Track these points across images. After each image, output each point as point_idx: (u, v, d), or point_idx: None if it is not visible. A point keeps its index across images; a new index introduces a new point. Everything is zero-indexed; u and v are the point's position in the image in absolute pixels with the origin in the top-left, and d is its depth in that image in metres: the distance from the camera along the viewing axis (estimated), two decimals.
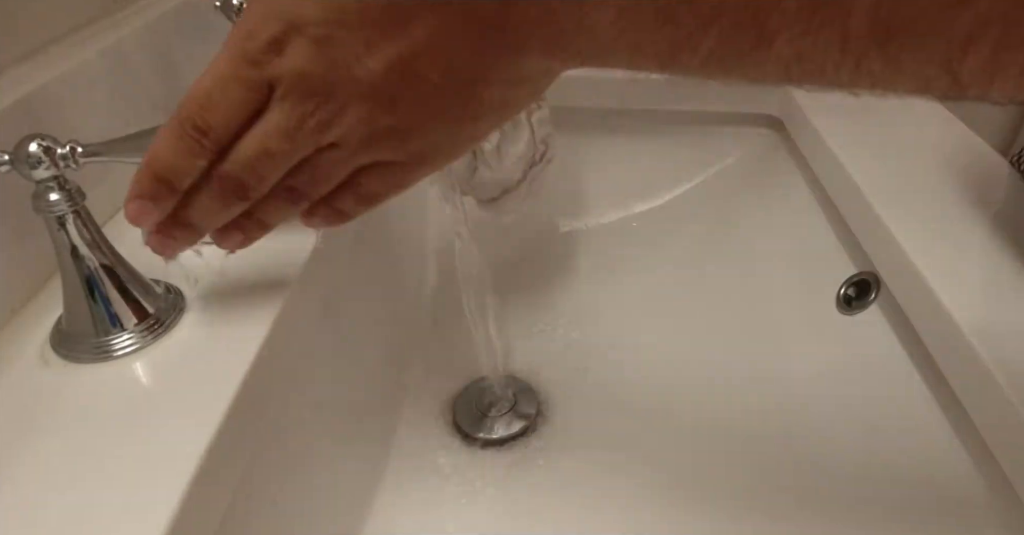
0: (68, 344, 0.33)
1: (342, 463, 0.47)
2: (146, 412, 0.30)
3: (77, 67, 0.40)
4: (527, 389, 0.59)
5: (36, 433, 0.29)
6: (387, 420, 0.55)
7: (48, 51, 0.41)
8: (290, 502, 0.39)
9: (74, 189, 0.31)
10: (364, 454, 0.51)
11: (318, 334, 0.43)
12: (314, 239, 0.42)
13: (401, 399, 0.58)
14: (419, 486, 0.51)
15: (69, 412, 0.30)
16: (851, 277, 0.51)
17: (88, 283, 0.32)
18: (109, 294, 0.33)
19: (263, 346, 0.34)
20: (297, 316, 0.39)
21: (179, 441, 0.29)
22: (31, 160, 0.29)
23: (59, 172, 0.30)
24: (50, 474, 0.27)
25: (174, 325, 0.35)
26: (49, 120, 0.38)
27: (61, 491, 0.27)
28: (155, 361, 0.33)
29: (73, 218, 0.31)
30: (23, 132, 0.29)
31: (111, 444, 0.29)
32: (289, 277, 0.39)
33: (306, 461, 0.42)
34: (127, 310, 0.34)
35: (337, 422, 0.48)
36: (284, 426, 0.39)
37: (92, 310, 0.33)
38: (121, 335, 0.33)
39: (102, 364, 0.33)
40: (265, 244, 0.41)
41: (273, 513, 0.37)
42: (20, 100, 0.36)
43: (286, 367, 0.38)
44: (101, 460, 0.28)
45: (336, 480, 0.46)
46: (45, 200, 0.30)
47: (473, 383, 0.59)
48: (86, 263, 0.32)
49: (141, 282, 0.35)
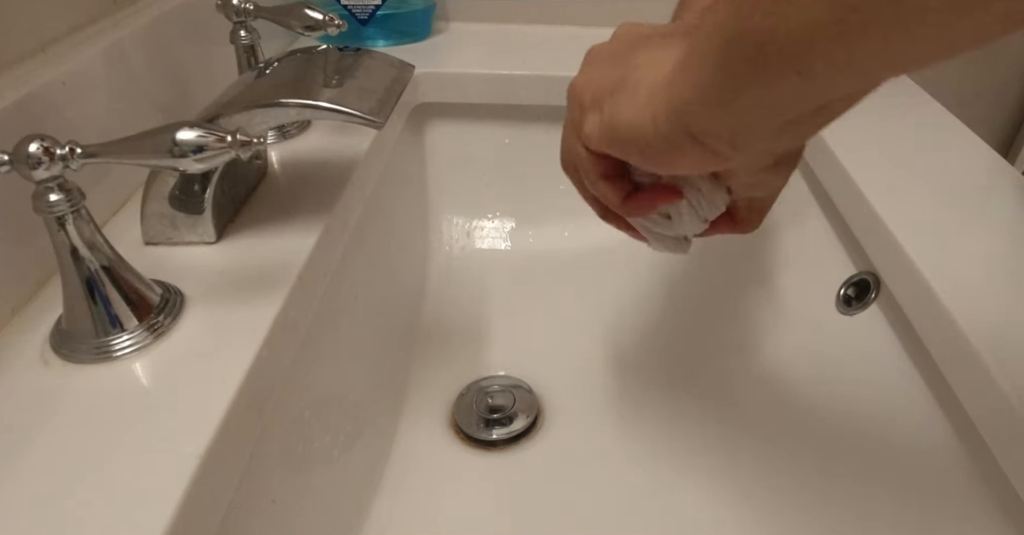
0: (68, 344, 0.33)
1: (342, 463, 0.47)
2: (146, 412, 0.30)
3: (77, 67, 0.40)
4: (527, 390, 0.59)
5: (36, 433, 0.29)
6: (387, 420, 0.55)
7: (48, 51, 0.41)
8: (290, 502, 0.39)
9: (74, 189, 0.31)
10: (364, 454, 0.51)
11: (318, 334, 0.43)
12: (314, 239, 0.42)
13: (401, 399, 0.58)
14: (419, 486, 0.51)
15: (69, 412, 0.30)
16: (851, 277, 0.51)
17: (88, 283, 0.32)
18: (109, 294, 0.33)
19: (263, 346, 0.34)
20: (297, 316, 0.39)
21: (179, 441, 0.29)
22: (31, 160, 0.29)
23: (59, 173, 0.30)
24: (50, 474, 0.27)
25: (174, 325, 0.35)
26: (49, 120, 0.38)
27: (61, 491, 0.27)
28: (155, 361, 0.33)
29: (73, 218, 0.31)
30: (23, 132, 0.29)
31: (111, 444, 0.29)
32: (289, 276, 0.39)
33: (306, 461, 0.42)
34: (127, 310, 0.34)
35: (337, 422, 0.48)
36: (284, 426, 0.39)
37: (92, 310, 0.33)
38: (121, 335, 0.33)
39: (102, 365, 0.33)
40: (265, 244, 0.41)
41: (273, 513, 0.37)
42: (20, 100, 0.36)
43: (286, 367, 0.38)
44: (101, 460, 0.28)
45: (336, 480, 0.46)
46: (45, 200, 0.30)
47: (473, 384, 0.59)
48: (86, 263, 0.32)
49: (141, 282, 0.35)
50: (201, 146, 0.30)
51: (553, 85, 0.66)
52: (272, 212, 0.44)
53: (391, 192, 0.62)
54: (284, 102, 0.37)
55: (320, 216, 0.44)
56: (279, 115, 0.37)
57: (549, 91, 0.66)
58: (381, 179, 0.59)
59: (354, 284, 0.52)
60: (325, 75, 0.40)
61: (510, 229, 0.74)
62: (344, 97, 0.37)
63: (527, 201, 0.73)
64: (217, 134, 0.30)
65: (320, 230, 0.43)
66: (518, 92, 0.67)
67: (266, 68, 0.41)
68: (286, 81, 0.40)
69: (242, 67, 0.52)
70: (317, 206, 0.45)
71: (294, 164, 0.51)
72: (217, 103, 0.38)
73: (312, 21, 0.48)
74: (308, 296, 0.40)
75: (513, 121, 0.71)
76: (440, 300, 0.68)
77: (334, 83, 0.38)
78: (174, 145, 0.30)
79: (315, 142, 0.54)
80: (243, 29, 0.50)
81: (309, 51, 0.43)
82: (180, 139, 0.30)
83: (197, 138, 0.30)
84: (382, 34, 0.71)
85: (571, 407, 0.58)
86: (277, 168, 0.50)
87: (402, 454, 0.53)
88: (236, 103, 0.37)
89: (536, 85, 0.66)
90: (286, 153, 0.52)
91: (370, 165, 0.54)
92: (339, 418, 0.48)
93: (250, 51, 0.51)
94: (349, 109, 0.36)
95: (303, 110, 0.37)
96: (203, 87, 0.53)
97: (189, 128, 0.30)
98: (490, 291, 0.69)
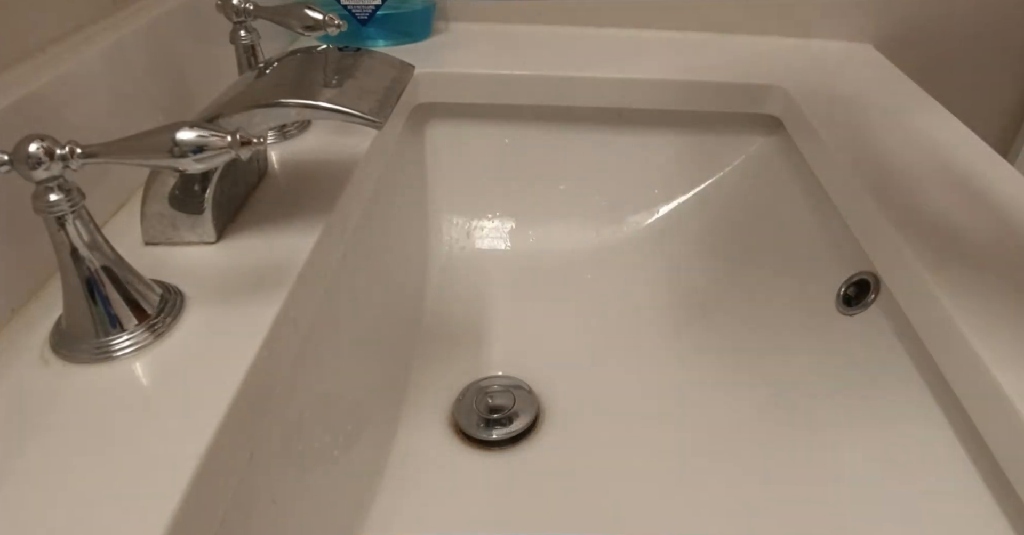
0: (68, 345, 0.33)
1: (342, 463, 0.47)
2: (146, 412, 0.30)
3: (77, 67, 0.40)
4: (527, 390, 0.59)
5: (36, 433, 0.29)
6: (387, 420, 0.55)
7: (48, 51, 0.41)
8: (290, 502, 0.39)
9: (74, 189, 0.31)
10: (364, 454, 0.51)
11: (318, 334, 0.43)
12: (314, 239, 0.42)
13: (401, 399, 0.58)
14: (419, 486, 0.51)
15: (69, 413, 0.30)
16: (851, 277, 0.51)
17: (88, 284, 0.32)
18: (109, 295, 0.33)
19: (263, 346, 0.34)
20: (297, 316, 0.39)
21: (179, 441, 0.29)
22: (31, 160, 0.29)
23: (59, 173, 0.30)
24: (50, 474, 0.28)
25: (174, 325, 0.35)
26: (49, 120, 0.38)
27: (61, 491, 0.27)
28: (155, 362, 0.33)
29: (73, 218, 0.31)
30: (23, 132, 0.29)
31: (111, 444, 0.29)
32: (289, 276, 0.39)
33: (306, 461, 0.42)
34: (127, 311, 0.34)
35: (337, 422, 0.48)
36: (284, 426, 0.39)
37: (92, 311, 0.33)
38: (121, 336, 0.33)
39: (102, 365, 0.33)
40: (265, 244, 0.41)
41: (273, 513, 0.37)
42: (20, 100, 0.36)
43: (286, 367, 0.38)
44: (101, 460, 0.28)
45: (336, 480, 0.46)
46: (45, 200, 0.30)
47: (473, 384, 0.59)
48: (86, 264, 0.32)
49: (141, 282, 0.35)
50: (201, 146, 0.30)
51: (553, 85, 0.66)
52: (272, 212, 0.44)
53: (391, 192, 0.63)
54: (284, 102, 0.37)
55: (320, 216, 0.44)
56: (279, 115, 0.37)
57: (549, 91, 0.66)
58: (381, 179, 0.59)
59: (354, 284, 0.52)
60: (325, 75, 0.40)
61: (510, 229, 0.74)
62: (344, 97, 0.37)
63: (527, 201, 0.73)
64: (217, 134, 0.30)
65: (320, 230, 0.43)
66: (518, 92, 0.67)
67: (266, 68, 0.41)
68: (286, 81, 0.40)
69: (242, 67, 0.52)
70: (317, 206, 0.45)
71: (294, 164, 0.51)
72: (217, 103, 0.38)
73: (312, 21, 0.48)
74: (308, 296, 0.40)
75: (513, 121, 0.71)
76: (440, 300, 0.68)
77: (334, 83, 0.38)
78: (174, 145, 0.30)
79: (315, 142, 0.54)
80: (243, 29, 0.50)
81: (309, 51, 0.43)
82: (180, 139, 0.30)
83: (197, 138, 0.30)
84: (382, 34, 0.71)
85: (571, 407, 0.58)
86: (277, 168, 0.50)
87: (402, 454, 0.53)
88: (236, 103, 0.37)
89: (536, 85, 0.66)
90: (286, 153, 0.52)
91: (370, 165, 0.54)
92: (339, 418, 0.48)
93: (250, 51, 0.51)
94: (349, 109, 0.36)
95: (303, 110, 0.37)
96: (203, 87, 0.53)
97: (189, 128, 0.30)
98: (490, 291, 0.69)
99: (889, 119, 0.59)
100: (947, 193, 0.49)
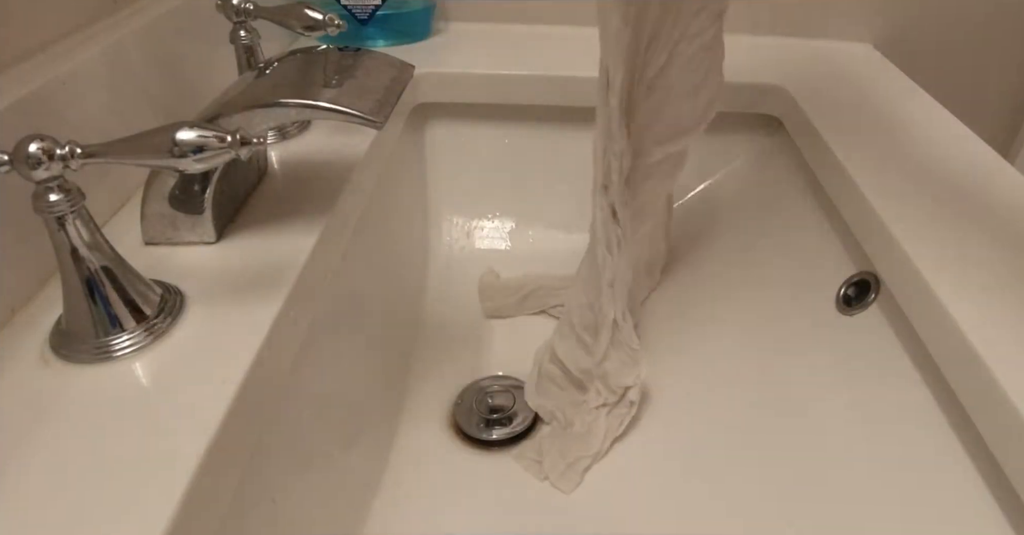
0: (68, 344, 0.33)
1: (342, 463, 0.47)
2: (146, 412, 0.30)
3: (77, 67, 0.40)
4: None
5: (36, 433, 0.29)
6: (387, 420, 0.55)
7: (48, 51, 0.41)
8: (290, 502, 0.39)
9: (74, 189, 0.31)
10: (364, 454, 0.51)
11: (318, 334, 0.43)
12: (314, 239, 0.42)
13: (401, 399, 0.58)
14: (419, 486, 0.51)
15: (69, 413, 0.30)
16: (851, 277, 0.51)
17: (88, 284, 0.32)
18: (109, 295, 0.33)
19: (263, 346, 0.34)
20: (297, 316, 0.39)
21: (179, 441, 0.29)
22: (31, 161, 0.29)
23: (59, 173, 0.30)
24: (50, 474, 0.28)
25: (174, 325, 0.35)
26: (49, 120, 0.38)
27: (61, 491, 0.27)
28: (155, 362, 0.33)
29: (73, 219, 0.31)
30: (23, 132, 0.29)
31: (111, 444, 0.29)
32: (289, 276, 0.39)
33: (306, 461, 0.42)
34: (127, 311, 0.34)
35: (337, 422, 0.48)
36: (284, 426, 0.39)
37: (92, 311, 0.33)
38: (121, 336, 0.33)
39: (102, 365, 0.33)
40: (265, 244, 0.41)
41: (273, 513, 0.37)
42: (20, 100, 0.36)
43: (286, 367, 0.38)
44: (101, 460, 0.28)
45: (336, 480, 0.46)
46: (45, 200, 0.30)
47: (473, 384, 0.59)
48: (86, 264, 0.32)
49: (141, 283, 0.35)
50: (201, 146, 0.30)
51: (553, 85, 0.66)
52: (272, 212, 0.44)
53: (391, 192, 0.62)
54: (284, 102, 0.37)
55: (320, 216, 0.44)
56: (279, 115, 0.37)
57: (549, 91, 0.66)
58: (381, 179, 0.59)
59: (354, 284, 0.52)
60: (325, 75, 0.40)
61: (510, 229, 0.74)
62: (344, 97, 0.37)
63: (527, 201, 0.73)
64: (217, 134, 0.30)
65: (320, 230, 0.43)
66: (518, 92, 0.67)
67: (266, 68, 0.41)
68: (286, 81, 0.40)
69: (242, 67, 0.52)
70: (317, 206, 0.45)
71: (294, 164, 0.51)
72: (217, 103, 0.38)
73: (312, 21, 0.48)
74: (308, 296, 0.40)
75: (513, 121, 0.71)
76: (440, 300, 0.68)
77: (334, 83, 0.38)
78: (174, 145, 0.30)
79: (315, 142, 0.54)
80: (243, 29, 0.50)
81: (309, 51, 0.43)
82: (180, 139, 0.30)
83: (197, 138, 0.30)
84: (382, 34, 0.71)
85: None
86: (277, 168, 0.50)
87: (402, 454, 0.53)
88: (236, 103, 0.37)
89: (536, 85, 0.66)
90: (286, 153, 0.52)
91: (370, 165, 0.54)
92: (339, 418, 0.48)
93: (250, 51, 0.51)
94: (349, 109, 0.36)
95: (303, 110, 0.37)
96: (203, 87, 0.53)
97: (189, 128, 0.30)
98: None
99: (889, 119, 0.59)
100: (947, 193, 0.49)
